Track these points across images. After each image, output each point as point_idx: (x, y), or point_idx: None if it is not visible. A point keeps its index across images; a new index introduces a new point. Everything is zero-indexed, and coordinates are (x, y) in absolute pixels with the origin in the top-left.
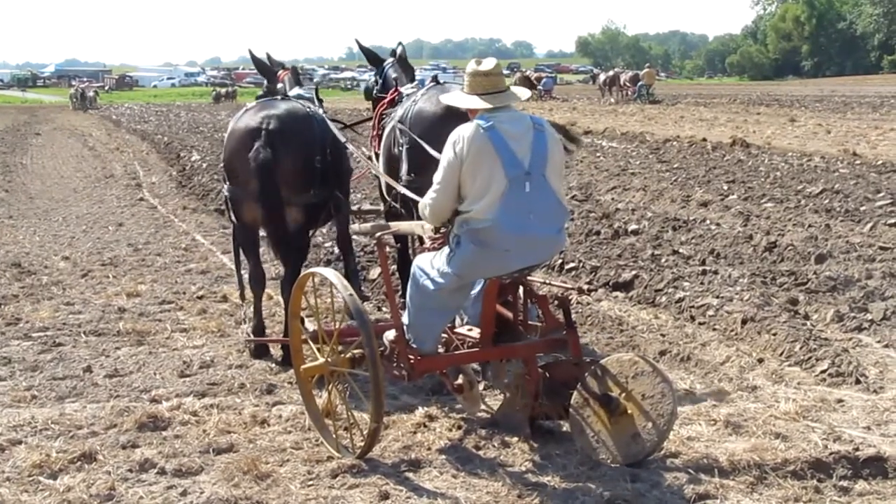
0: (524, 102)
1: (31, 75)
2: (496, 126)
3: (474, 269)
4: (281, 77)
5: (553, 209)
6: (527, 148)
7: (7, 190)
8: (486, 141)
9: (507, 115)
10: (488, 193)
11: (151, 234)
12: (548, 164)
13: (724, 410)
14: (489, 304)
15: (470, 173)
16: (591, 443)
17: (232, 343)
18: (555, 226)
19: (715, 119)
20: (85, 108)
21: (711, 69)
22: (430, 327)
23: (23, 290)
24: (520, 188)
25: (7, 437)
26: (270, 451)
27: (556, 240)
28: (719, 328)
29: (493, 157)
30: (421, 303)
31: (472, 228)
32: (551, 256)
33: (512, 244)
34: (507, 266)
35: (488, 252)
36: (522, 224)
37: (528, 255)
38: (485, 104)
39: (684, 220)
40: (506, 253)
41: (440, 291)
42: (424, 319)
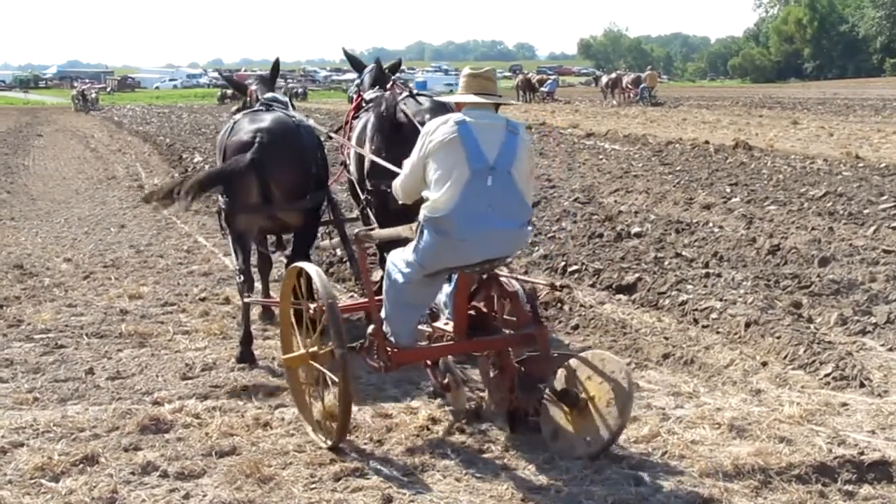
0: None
1: (33, 77)
2: (468, 121)
3: (435, 259)
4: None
5: (514, 205)
6: (496, 145)
7: (9, 191)
8: (455, 132)
9: (485, 114)
10: (450, 182)
11: (153, 235)
12: (514, 163)
13: (728, 414)
14: (461, 299)
15: (435, 160)
16: (555, 435)
17: (234, 345)
18: (516, 221)
19: (717, 121)
20: (87, 109)
21: (713, 71)
22: (403, 321)
23: (25, 292)
24: (482, 181)
25: (9, 439)
26: (273, 454)
27: (517, 234)
28: (723, 331)
29: (459, 147)
30: (394, 297)
31: (432, 217)
32: (513, 250)
33: (469, 234)
34: (467, 257)
35: (447, 241)
36: (481, 216)
37: (487, 247)
38: (474, 98)
39: (687, 223)
40: (463, 243)
41: (409, 284)
42: (398, 313)
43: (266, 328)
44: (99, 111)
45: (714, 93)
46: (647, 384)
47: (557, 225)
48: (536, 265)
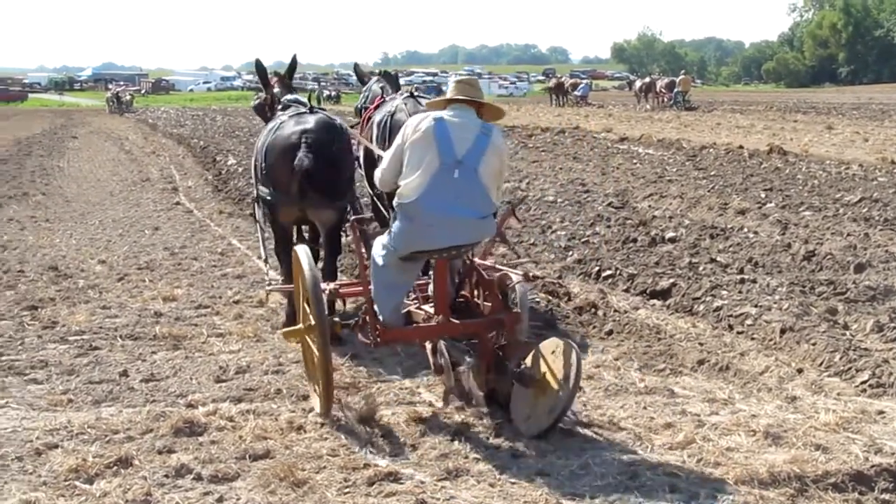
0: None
1: (68, 79)
2: (445, 119)
3: (406, 243)
4: (273, 84)
5: (478, 197)
6: (467, 143)
7: (44, 193)
8: (430, 127)
9: (464, 115)
10: (420, 171)
11: (187, 238)
12: (482, 161)
13: (764, 421)
14: (440, 283)
15: (409, 151)
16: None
17: (268, 348)
18: (478, 212)
19: (751, 126)
20: (121, 111)
21: (747, 76)
22: (385, 301)
23: (59, 294)
24: (449, 173)
25: (43, 440)
26: (307, 458)
27: (480, 224)
28: (758, 337)
29: (432, 141)
30: (377, 278)
31: (402, 203)
32: (478, 238)
33: (434, 221)
34: (433, 241)
35: (414, 227)
36: (446, 205)
37: (451, 233)
38: (454, 95)
39: (722, 228)
40: (429, 228)
41: (387, 266)
42: (380, 293)
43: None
44: (133, 113)
45: (748, 97)
46: (681, 390)
47: (591, 229)
48: (570, 270)
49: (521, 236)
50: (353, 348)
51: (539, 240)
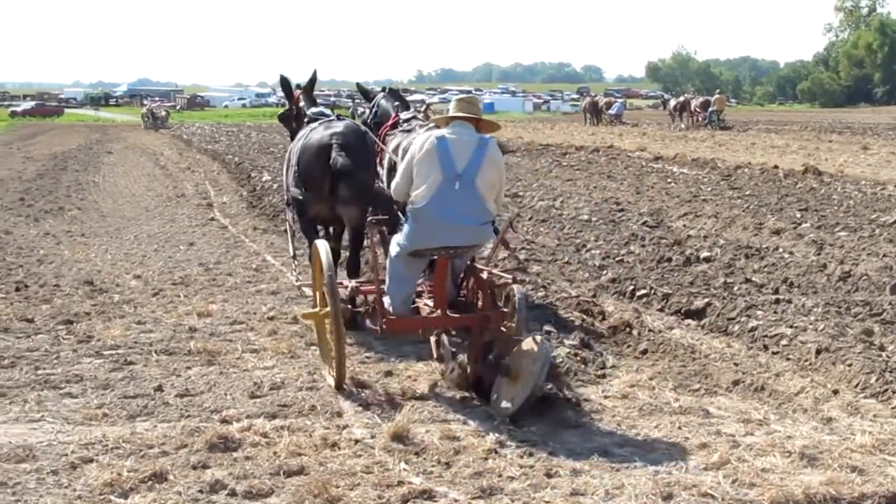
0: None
1: (103, 94)
2: (446, 137)
3: (413, 241)
4: (297, 97)
5: (476, 206)
6: (466, 158)
7: (80, 208)
8: (434, 146)
9: (463, 131)
10: (426, 184)
11: (222, 253)
12: (479, 173)
13: (799, 442)
14: (440, 281)
15: (418, 167)
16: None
17: (303, 365)
18: (476, 219)
19: (786, 146)
20: (156, 127)
21: (782, 96)
22: (395, 293)
23: (94, 308)
24: (451, 185)
25: (79, 454)
26: (341, 475)
27: (478, 229)
28: (793, 358)
29: (435, 158)
30: (391, 272)
31: (413, 209)
32: (476, 242)
33: (437, 225)
34: (436, 241)
35: (421, 228)
36: (448, 212)
37: (452, 236)
38: (455, 112)
39: (757, 248)
40: (433, 231)
41: (398, 260)
42: (392, 286)
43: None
44: (168, 129)
45: (783, 117)
46: (716, 410)
47: (626, 248)
48: (605, 289)
49: (556, 254)
50: (388, 366)
51: (573, 258)
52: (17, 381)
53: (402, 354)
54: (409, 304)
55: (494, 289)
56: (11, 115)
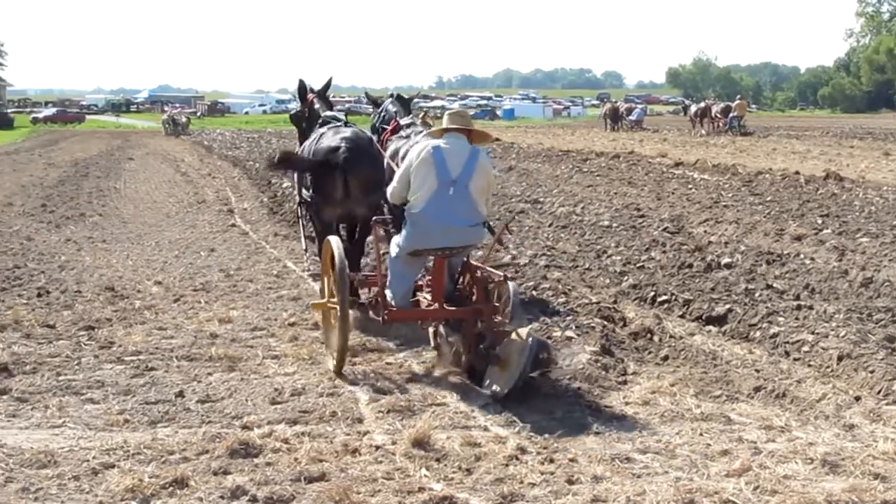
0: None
1: (124, 101)
2: (440, 146)
3: (412, 241)
4: (310, 100)
5: (469, 209)
6: (459, 165)
7: (101, 214)
8: (430, 154)
9: (456, 142)
10: (423, 189)
11: (243, 260)
12: (471, 179)
13: (821, 449)
14: (437, 277)
15: (415, 173)
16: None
17: (323, 371)
18: (469, 221)
19: (807, 152)
20: (177, 133)
21: (803, 101)
22: (397, 286)
23: (116, 314)
24: (445, 190)
25: (100, 460)
26: (362, 481)
27: (471, 230)
28: (815, 364)
29: (431, 165)
30: (391, 268)
31: (410, 213)
32: (470, 242)
33: (434, 228)
34: (432, 242)
35: (418, 230)
36: (443, 215)
37: (447, 237)
38: (449, 125)
39: (778, 254)
40: (430, 234)
41: (398, 259)
42: (393, 281)
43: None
44: (189, 135)
45: (804, 123)
46: (738, 417)
47: (646, 254)
48: (626, 295)
49: (577, 260)
50: (409, 372)
51: (594, 264)
52: (38, 387)
53: (424, 361)
54: (409, 297)
55: (487, 285)
56: (33, 121)
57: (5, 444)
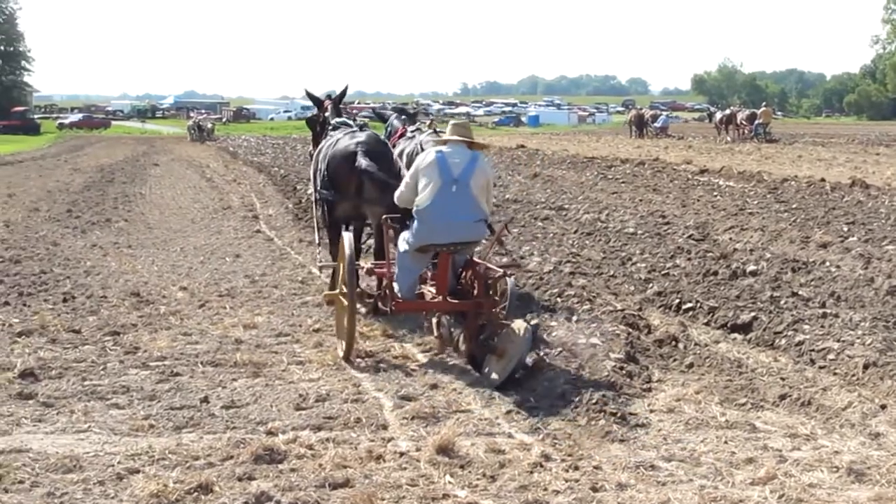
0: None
1: (150, 107)
2: (444, 153)
3: (419, 237)
4: (326, 106)
5: (470, 206)
6: (460, 166)
7: (126, 219)
8: (434, 159)
9: (458, 149)
10: (428, 188)
11: (268, 265)
12: (472, 179)
13: (847, 457)
14: (442, 271)
15: (421, 176)
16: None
17: (348, 377)
18: (471, 216)
19: (833, 159)
20: (202, 139)
21: (829, 108)
22: (403, 281)
23: (141, 320)
24: (449, 188)
25: (125, 465)
26: (386, 488)
27: (473, 226)
28: (840, 372)
29: (435, 167)
30: (399, 263)
31: (418, 210)
32: (474, 237)
33: (439, 224)
34: (439, 238)
35: (425, 226)
36: (447, 211)
37: (452, 232)
38: (451, 135)
39: (803, 262)
40: (436, 230)
41: (406, 254)
42: (400, 275)
43: (377, 366)
44: (214, 141)
45: (829, 130)
46: (763, 425)
47: (671, 262)
48: (650, 302)
49: (601, 267)
50: (433, 378)
51: (619, 271)
52: (64, 392)
53: (447, 368)
54: (415, 290)
55: (488, 280)
56: (59, 127)
57: (31, 448)
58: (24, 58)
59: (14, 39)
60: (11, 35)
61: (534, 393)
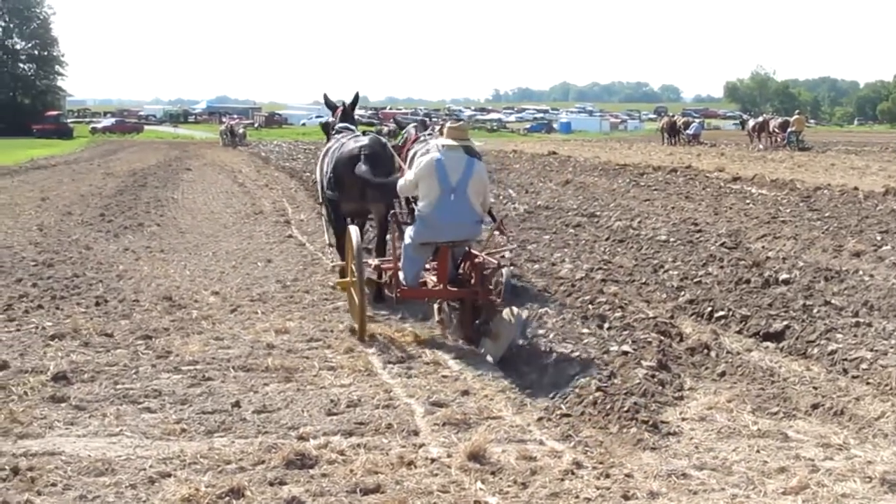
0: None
1: (182, 111)
2: (442, 157)
3: (421, 234)
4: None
5: (467, 210)
6: (458, 173)
7: (159, 224)
8: (432, 164)
9: (455, 154)
10: (429, 195)
11: (300, 271)
12: (469, 184)
13: (881, 468)
14: (442, 263)
15: (421, 180)
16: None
17: (379, 383)
18: (468, 218)
19: (867, 167)
20: (234, 144)
21: (862, 116)
22: (409, 269)
23: (173, 324)
24: (447, 196)
25: (157, 469)
26: (417, 494)
27: (470, 226)
28: (873, 382)
29: (433, 175)
30: (404, 254)
31: (420, 214)
32: (470, 236)
33: (439, 225)
34: (439, 237)
35: (427, 227)
36: (447, 215)
37: (450, 232)
38: (449, 142)
39: (836, 271)
40: (436, 229)
41: (411, 246)
42: (405, 265)
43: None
44: (246, 146)
45: (863, 138)
46: (795, 434)
47: (704, 269)
48: (682, 310)
49: (633, 275)
50: (464, 385)
51: (651, 279)
52: (96, 396)
53: (479, 375)
54: (418, 279)
55: (484, 271)
56: (92, 131)
57: (63, 451)
58: (57, 62)
59: (48, 44)
60: (45, 40)
61: (565, 400)
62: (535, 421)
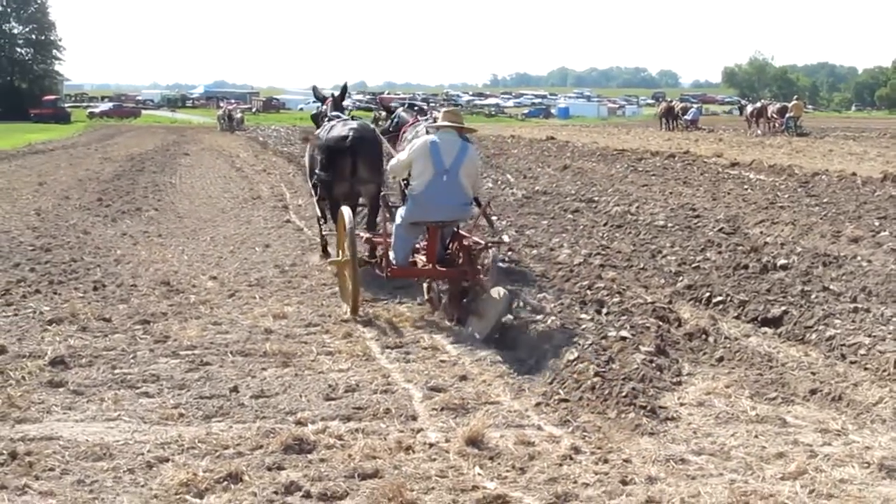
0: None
1: (180, 96)
2: (437, 140)
3: (413, 214)
4: (327, 102)
5: (458, 192)
6: (452, 156)
7: (156, 209)
8: (426, 146)
9: (449, 137)
10: (422, 175)
11: (298, 256)
12: (462, 167)
13: (879, 453)
14: (431, 243)
15: (415, 161)
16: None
17: (377, 367)
18: (459, 200)
19: (864, 153)
20: (232, 129)
21: (860, 102)
22: (399, 248)
23: (171, 309)
24: (440, 177)
25: (155, 454)
26: (415, 479)
27: (460, 208)
28: (871, 368)
29: (427, 156)
30: (395, 234)
31: (412, 194)
32: (459, 217)
33: (430, 205)
34: (429, 216)
35: (418, 207)
36: (438, 196)
37: (440, 212)
38: (444, 122)
39: (835, 256)
40: (427, 209)
41: (402, 226)
42: (396, 244)
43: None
44: (244, 131)
45: (861, 123)
46: (793, 419)
47: (702, 255)
48: (680, 295)
49: (631, 260)
50: (463, 370)
51: (649, 264)
52: (94, 380)
53: (477, 360)
54: (408, 258)
55: (472, 252)
56: (90, 116)
57: (61, 436)
58: (55, 47)
59: (45, 28)
60: (43, 24)
61: (563, 385)
62: (534, 406)
